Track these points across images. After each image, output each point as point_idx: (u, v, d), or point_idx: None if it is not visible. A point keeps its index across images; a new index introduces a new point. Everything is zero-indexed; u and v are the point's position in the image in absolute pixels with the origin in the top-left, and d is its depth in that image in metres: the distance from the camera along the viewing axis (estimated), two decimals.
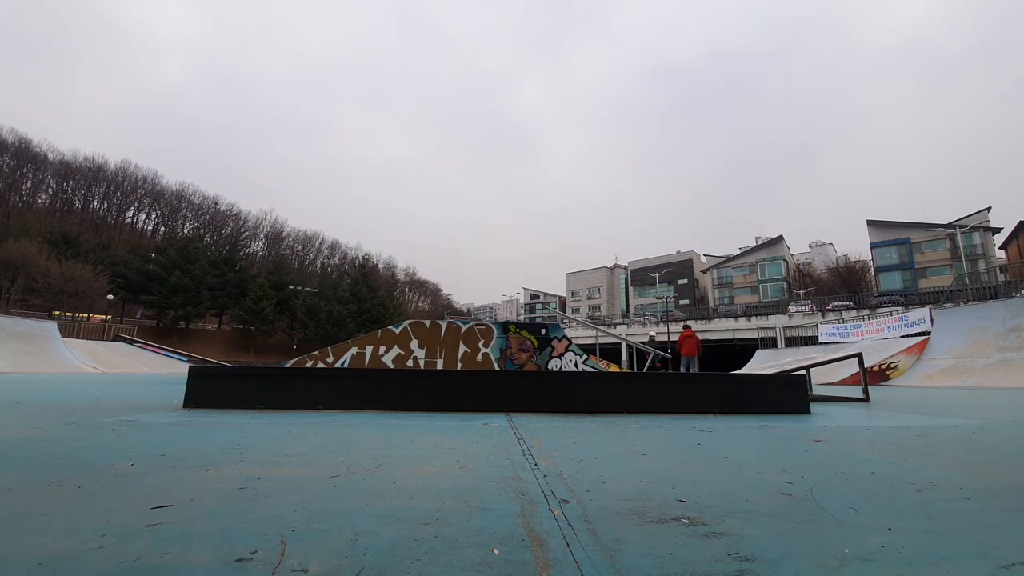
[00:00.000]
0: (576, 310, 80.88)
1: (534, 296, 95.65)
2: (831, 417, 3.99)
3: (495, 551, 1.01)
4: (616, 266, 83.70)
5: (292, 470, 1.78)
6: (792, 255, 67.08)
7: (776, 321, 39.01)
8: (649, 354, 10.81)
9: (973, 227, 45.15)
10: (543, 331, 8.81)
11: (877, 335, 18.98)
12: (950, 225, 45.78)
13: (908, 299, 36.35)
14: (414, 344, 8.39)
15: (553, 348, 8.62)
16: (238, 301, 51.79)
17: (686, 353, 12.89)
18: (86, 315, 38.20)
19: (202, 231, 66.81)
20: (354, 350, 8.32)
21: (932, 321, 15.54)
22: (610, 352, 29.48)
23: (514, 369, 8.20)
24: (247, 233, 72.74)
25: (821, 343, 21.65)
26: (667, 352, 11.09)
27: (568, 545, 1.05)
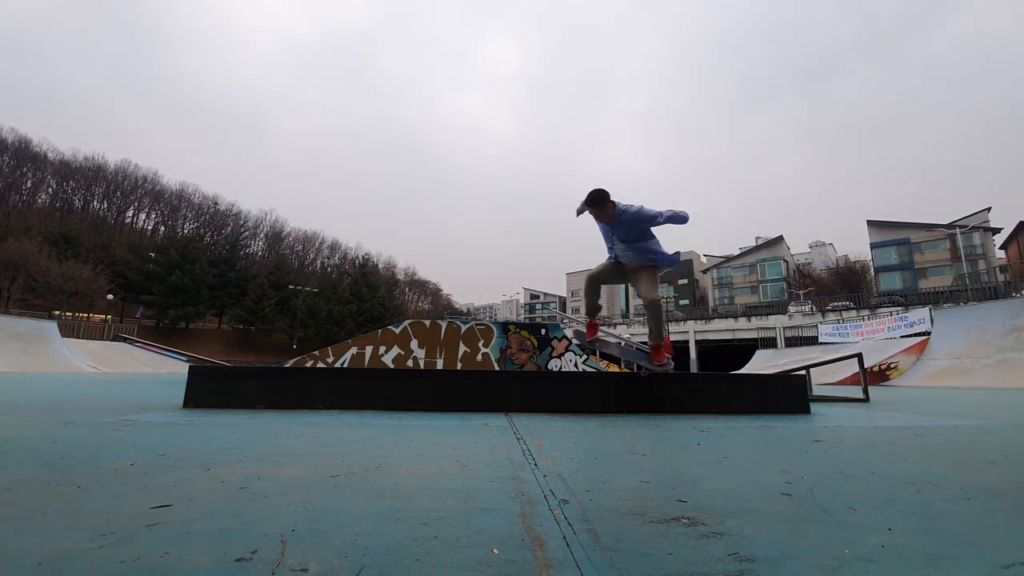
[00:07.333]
0: (576, 310, 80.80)
1: (534, 296, 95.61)
2: (831, 417, 3.99)
3: (495, 551, 1.01)
4: None
5: (292, 470, 1.78)
6: (792, 255, 67.04)
7: (776, 321, 39.01)
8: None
9: (973, 227, 45.12)
10: (543, 331, 8.81)
11: (877, 335, 19.00)
12: (950, 225, 45.74)
13: (908, 299, 36.37)
14: (414, 344, 8.39)
15: (553, 348, 8.62)
16: (238, 301, 51.82)
17: None
18: (86, 315, 38.23)
19: (202, 231, 66.82)
20: (354, 350, 8.32)
21: (932, 321, 15.56)
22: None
23: (514, 369, 8.20)
24: (247, 233, 72.69)
25: (821, 343, 21.66)
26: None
27: (568, 545, 1.05)
